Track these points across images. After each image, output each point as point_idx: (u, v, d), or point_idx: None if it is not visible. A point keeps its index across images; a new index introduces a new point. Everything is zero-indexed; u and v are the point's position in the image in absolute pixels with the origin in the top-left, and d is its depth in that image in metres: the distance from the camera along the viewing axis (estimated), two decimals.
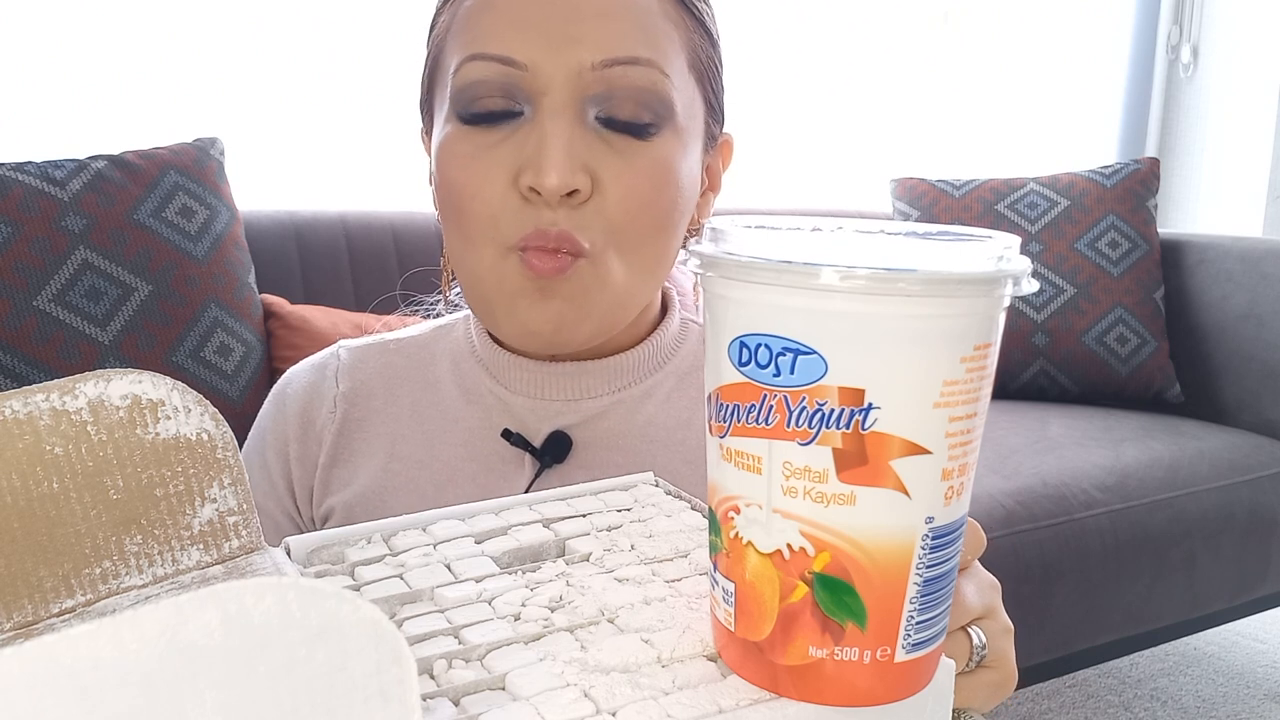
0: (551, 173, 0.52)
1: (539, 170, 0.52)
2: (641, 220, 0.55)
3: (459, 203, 0.56)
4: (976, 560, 0.44)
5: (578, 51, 0.53)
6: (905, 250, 0.27)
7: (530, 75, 0.53)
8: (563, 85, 0.53)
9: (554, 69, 0.53)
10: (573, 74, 0.53)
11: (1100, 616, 1.44)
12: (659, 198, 0.56)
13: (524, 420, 0.62)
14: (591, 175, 0.54)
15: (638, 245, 0.56)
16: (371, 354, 0.67)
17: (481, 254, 0.56)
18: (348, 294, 1.51)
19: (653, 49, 0.54)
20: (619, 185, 0.54)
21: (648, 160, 0.55)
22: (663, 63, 0.55)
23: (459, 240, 0.57)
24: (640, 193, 0.55)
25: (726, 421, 0.29)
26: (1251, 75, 2.44)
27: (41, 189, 1.21)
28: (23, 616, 0.31)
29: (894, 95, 2.33)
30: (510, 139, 0.54)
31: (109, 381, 0.32)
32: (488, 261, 0.56)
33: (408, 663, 0.21)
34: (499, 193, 0.54)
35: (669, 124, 0.56)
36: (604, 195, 0.54)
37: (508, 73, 0.53)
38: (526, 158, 0.53)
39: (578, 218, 0.54)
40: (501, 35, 0.53)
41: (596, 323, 0.58)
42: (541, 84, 0.53)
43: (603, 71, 0.53)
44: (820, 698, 0.30)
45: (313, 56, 1.68)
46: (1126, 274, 1.86)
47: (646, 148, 0.55)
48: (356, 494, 0.62)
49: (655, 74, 0.54)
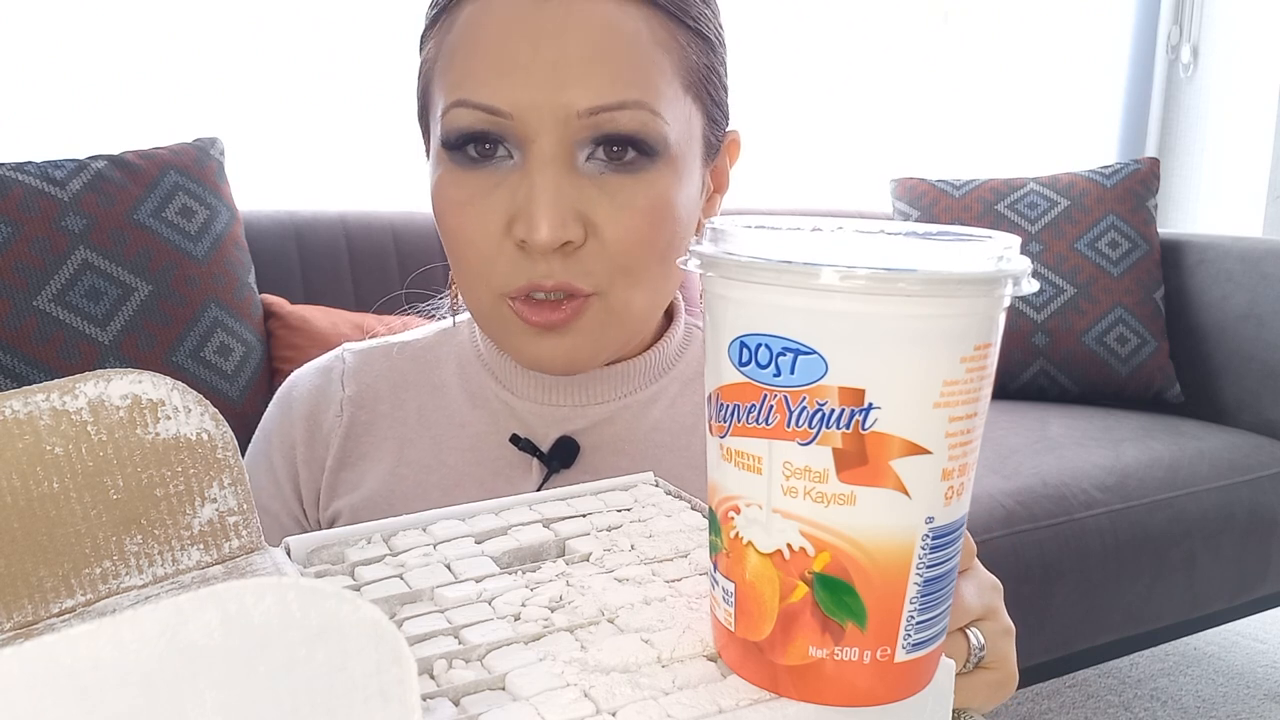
0: (543, 226, 0.51)
1: (530, 224, 0.52)
2: (641, 257, 0.55)
3: (455, 247, 0.56)
4: (977, 561, 0.44)
5: (564, 97, 0.51)
6: (905, 250, 0.27)
7: (517, 123, 0.52)
8: (550, 132, 0.52)
9: (540, 118, 0.52)
10: (559, 121, 0.52)
11: (1100, 616, 1.44)
12: (657, 234, 0.55)
13: (530, 425, 0.62)
14: (585, 222, 0.53)
15: (644, 276, 0.56)
16: (376, 357, 0.67)
17: (480, 296, 0.56)
18: (348, 294, 1.51)
19: (641, 88, 0.53)
20: (615, 228, 0.54)
21: (643, 200, 0.54)
22: (653, 101, 0.53)
23: (458, 278, 0.58)
24: (637, 232, 0.54)
25: (727, 421, 0.29)
26: (1251, 75, 2.44)
27: (41, 189, 1.21)
28: (23, 616, 0.31)
29: (894, 95, 2.33)
30: (503, 185, 0.54)
31: (109, 381, 0.32)
32: (487, 303, 0.56)
33: (408, 663, 0.21)
34: (494, 241, 0.54)
35: (662, 158, 0.54)
36: (600, 239, 0.54)
37: (494, 121, 0.52)
38: (518, 207, 0.53)
39: (574, 266, 0.54)
40: (487, 81, 0.52)
41: (611, 351, 0.58)
42: (530, 131, 0.52)
43: (590, 119, 0.52)
44: (820, 698, 0.30)
45: (313, 56, 1.68)
46: (1126, 274, 1.86)
47: (641, 187, 0.54)
48: (364, 498, 0.62)
49: (644, 115, 0.53)
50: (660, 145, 0.54)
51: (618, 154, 0.53)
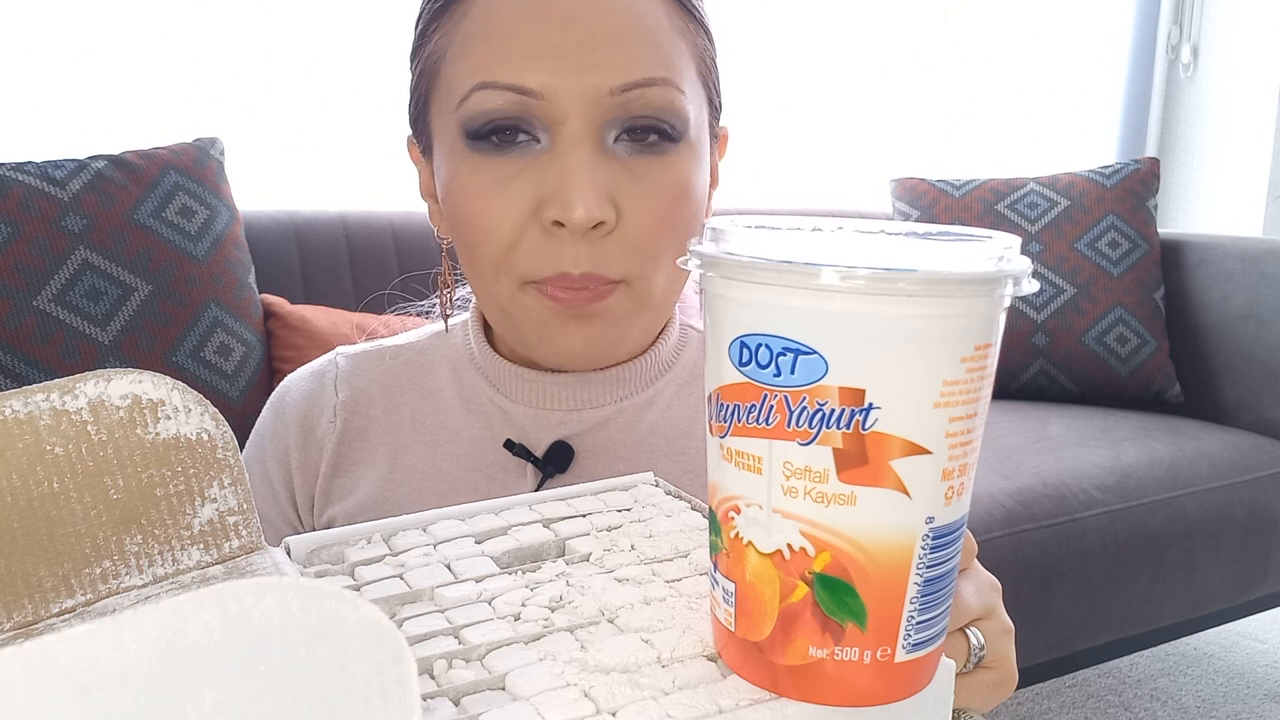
0: (579, 205, 0.51)
1: (566, 204, 0.51)
2: (664, 239, 0.55)
3: (473, 237, 0.55)
4: (976, 561, 0.44)
5: (595, 77, 0.51)
6: (906, 250, 0.27)
7: (547, 104, 0.52)
8: (581, 113, 0.52)
9: (572, 97, 0.51)
10: (590, 101, 0.52)
11: (1100, 616, 1.44)
12: (680, 216, 0.55)
13: (525, 429, 0.62)
14: (615, 205, 0.53)
15: (664, 261, 0.56)
16: (369, 361, 0.66)
17: (499, 287, 0.56)
18: (348, 294, 1.51)
19: (667, 67, 0.54)
20: (642, 211, 0.54)
21: (667, 181, 0.54)
22: (677, 79, 0.54)
23: (473, 272, 0.57)
24: (661, 215, 0.54)
25: (727, 421, 0.29)
26: (1251, 75, 2.44)
27: (41, 189, 1.21)
28: (23, 616, 0.31)
29: (894, 95, 2.33)
30: (528, 170, 0.53)
31: (109, 381, 0.32)
32: (506, 293, 0.56)
33: (408, 662, 0.21)
34: (517, 227, 0.53)
35: (684, 141, 0.55)
36: (626, 224, 0.54)
37: (522, 101, 0.52)
38: (550, 190, 0.52)
39: (600, 253, 0.53)
40: (513, 62, 0.52)
41: (636, 338, 0.58)
42: (559, 112, 0.52)
43: (621, 96, 0.52)
44: (820, 698, 0.30)
45: (313, 56, 1.68)
46: (1126, 274, 1.86)
47: (665, 168, 0.54)
48: (359, 503, 0.62)
49: (671, 91, 0.54)
50: (683, 126, 0.55)
51: (641, 137, 0.54)
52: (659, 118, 0.53)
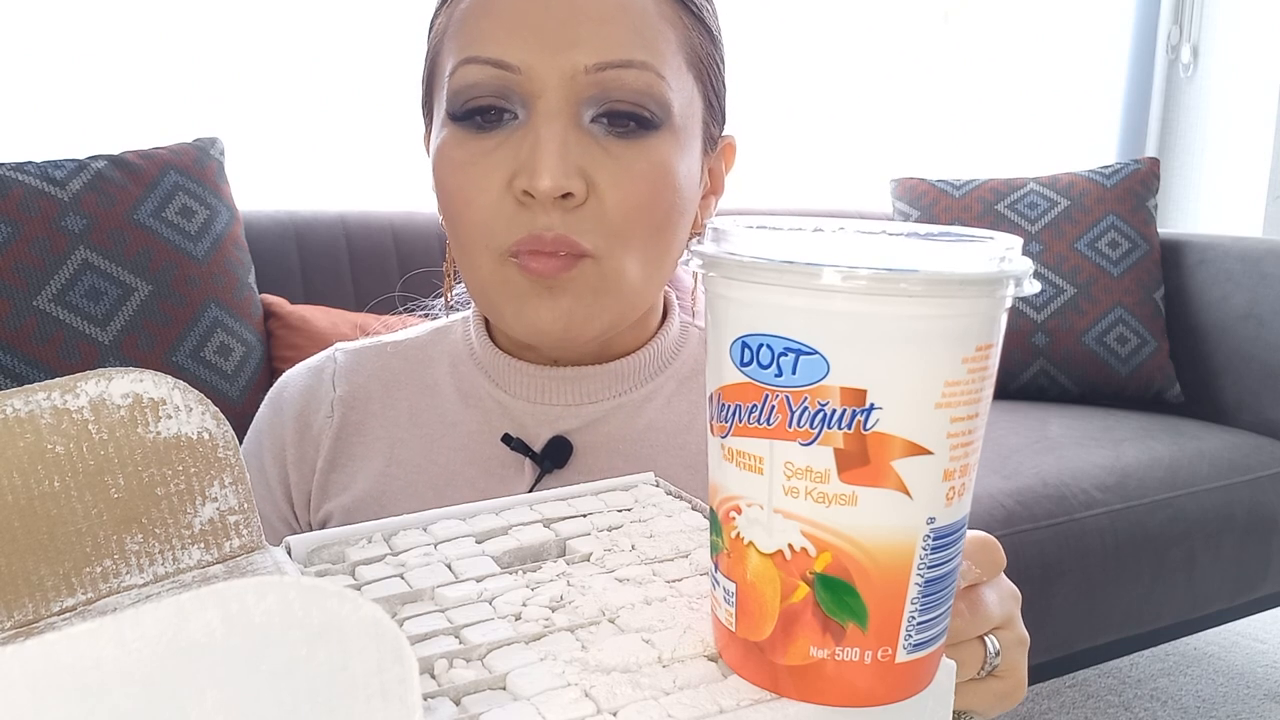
0: (545, 175, 0.52)
1: (533, 173, 0.52)
2: (641, 222, 0.55)
3: (454, 209, 0.56)
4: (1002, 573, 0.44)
5: (572, 55, 0.53)
6: (907, 251, 0.27)
7: (524, 78, 0.53)
8: (557, 88, 0.53)
9: (548, 72, 0.53)
10: (566, 77, 0.53)
11: (1100, 616, 1.44)
12: (657, 200, 0.55)
13: (523, 424, 0.62)
14: (587, 180, 0.54)
15: (641, 245, 0.56)
16: (368, 357, 0.66)
17: (479, 260, 0.56)
18: (348, 294, 1.51)
19: (648, 51, 0.54)
20: (616, 190, 0.54)
21: (645, 163, 0.55)
22: (658, 64, 0.54)
23: (457, 246, 0.58)
24: (638, 196, 0.55)
25: (728, 421, 0.29)
26: (1251, 75, 2.44)
27: (41, 189, 1.21)
28: (23, 615, 0.31)
29: (894, 95, 2.33)
30: (506, 144, 0.54)
31: (110, 380, 0.32)
32: (487, 267, 0.56)
33: (409, 662, 0.21)
34: (493, 198, 0.54)
35: (665, 125, 0.55)
36: (601, 200, 0.54)
37: (502, 76, 0.53)
38: (521, 161, 0.53)
39: (574, 221, 0.54)
40: (496, 38, 0.53)
41: (606, 322, 0.58)
42: (536, 87, 0.53)
43: (597, 75, 0.53)
44: (821, 698, 0.30)
45: (313, 56, 1.68)
46: (1126, 274, 1.86)
47: (643, 150, 0.55)
48: (355, 499, 0.62)
49: (650, 76, 0.54)
50: (664, 113, 0.55)
51: (620, 123, 0.54)
52: (637, 102, 0.54)
